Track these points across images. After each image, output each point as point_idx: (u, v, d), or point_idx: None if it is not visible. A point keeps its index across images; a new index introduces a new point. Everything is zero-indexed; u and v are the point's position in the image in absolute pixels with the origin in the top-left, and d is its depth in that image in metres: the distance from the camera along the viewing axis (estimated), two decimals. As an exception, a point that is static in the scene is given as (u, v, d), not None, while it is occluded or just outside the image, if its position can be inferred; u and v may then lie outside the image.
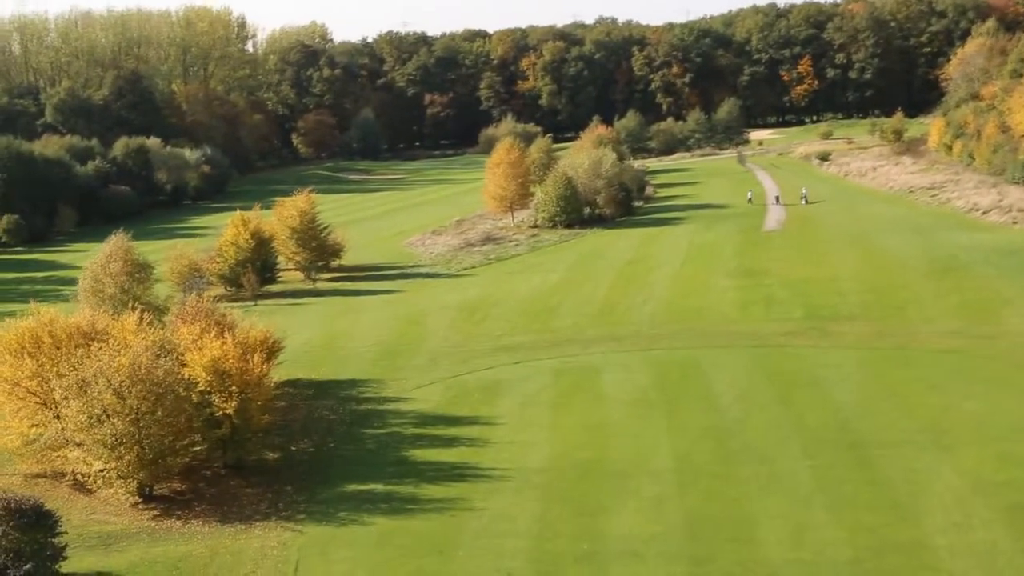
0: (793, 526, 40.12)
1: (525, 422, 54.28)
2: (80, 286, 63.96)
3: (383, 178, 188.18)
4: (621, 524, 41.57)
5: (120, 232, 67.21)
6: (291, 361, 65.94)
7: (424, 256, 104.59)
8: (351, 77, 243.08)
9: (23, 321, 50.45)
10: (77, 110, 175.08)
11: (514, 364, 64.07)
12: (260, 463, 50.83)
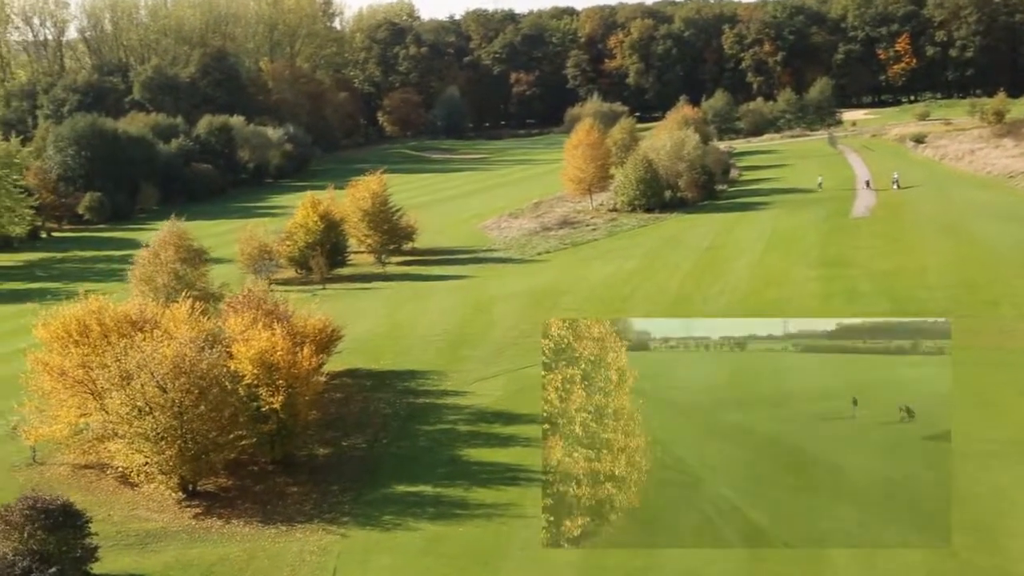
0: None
1: (586, 420, 51.85)
2: (132, 273, 62.96)
3: (466, 158, 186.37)
4: (680, 552, 39.09)
5: (174, 217, 66.09)
6: (352, 350, 64.39)
7: (498, 240, 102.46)
8: (437, 55, 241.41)
9: (71, 308, 49.36)
10: (164, 88, 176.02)
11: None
12: (310, 459, 49.23)
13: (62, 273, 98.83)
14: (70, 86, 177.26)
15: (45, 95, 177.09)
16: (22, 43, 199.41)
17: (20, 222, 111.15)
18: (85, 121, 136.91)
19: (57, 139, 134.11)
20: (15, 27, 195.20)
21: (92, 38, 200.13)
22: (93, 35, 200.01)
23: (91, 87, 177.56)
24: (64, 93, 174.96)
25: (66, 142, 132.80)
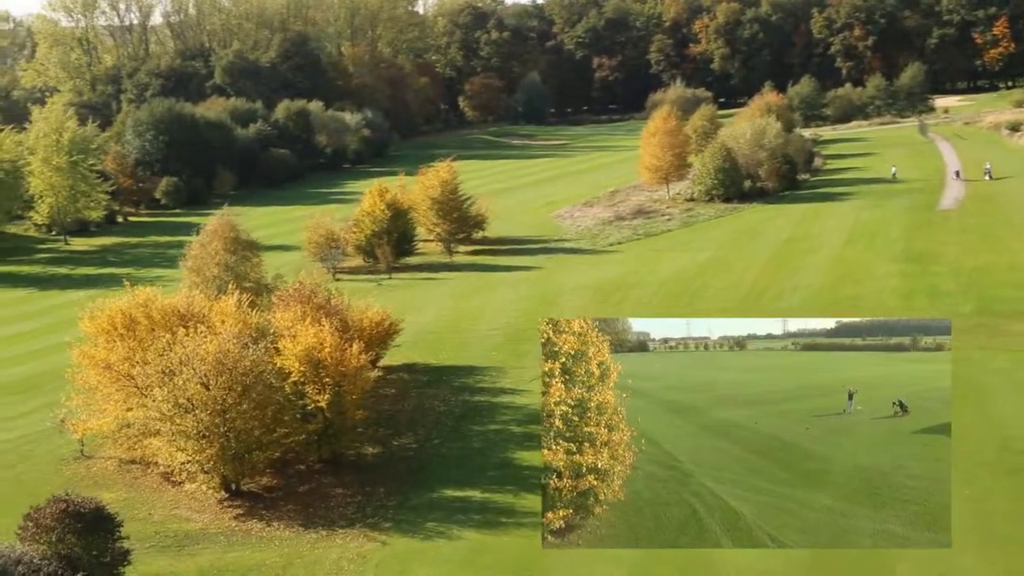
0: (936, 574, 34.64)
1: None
2: (182, 264, 62.09)
3: (545, 144, 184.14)
4: (734, 552, 36.84)
5: (227, 206, 65.05)
6: (411, 343, 63.01)
7: (571, 229, 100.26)
8: (520, 39, 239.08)
9: (117, 301, 48.46)
10: (244, 72, 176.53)
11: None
12: (358, 459, 47.80)
13: (133, 259, 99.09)
14: (153, 71, 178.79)
15: (129, 80, 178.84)
16: (108, 28, 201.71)
17: (96, 207, 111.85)
18: (163, 106, 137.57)
19: (136, 124, 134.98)
20: (102, 12, 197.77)
21: (176, 23, 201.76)
22: (177, 20, 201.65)
23: (173, 72, 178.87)
24: (147, 78, 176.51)
25: (144, 127, 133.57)
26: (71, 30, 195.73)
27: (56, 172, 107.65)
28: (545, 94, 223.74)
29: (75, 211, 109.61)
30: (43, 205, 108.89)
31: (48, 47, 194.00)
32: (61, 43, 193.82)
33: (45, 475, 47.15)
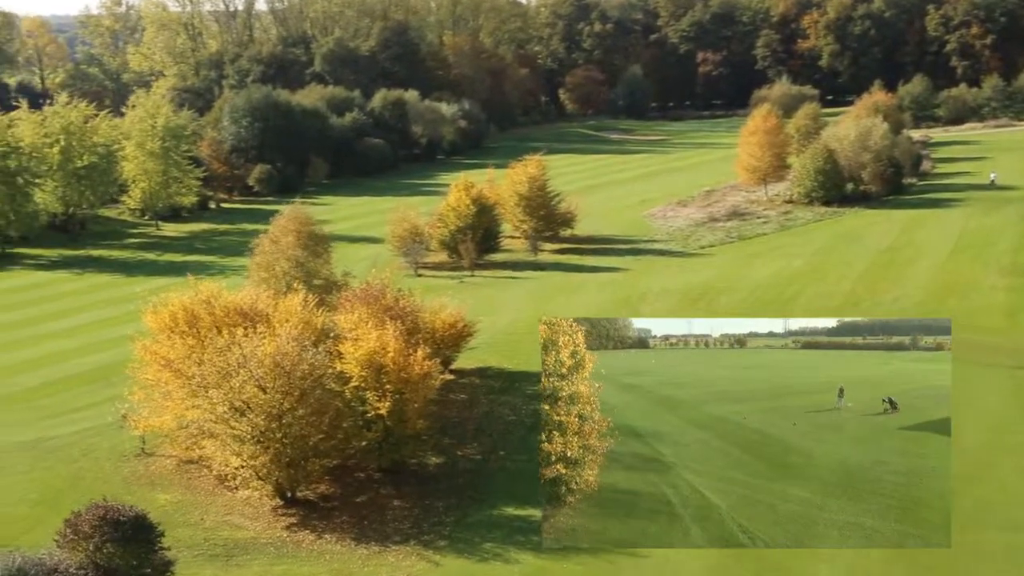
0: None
1: (719, 441, 47.11)
2: (251, 260, 60.90)
3: (643, 139, 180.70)
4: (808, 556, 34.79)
5: (297, 202, 63.60)
6: (487, 345, 61.18)
7: (662, 230, 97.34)
8: (623, 32, 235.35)
9: (180, 297, 47.32)
10: (344, 60, 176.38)
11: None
12: (419, 468, 46.08)
13: (220, 246, 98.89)
14: (255, 57, 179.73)
15: (231, 65, 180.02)
16: (214, 14, 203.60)
17: (187, 193, 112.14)
18: (260, 92, 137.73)
19: (232, 110, 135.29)
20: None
21: (279, 10, 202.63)
22: (280, 7, 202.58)
23: (274, 58, 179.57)
24: (249, 64, 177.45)
25: (240, 113, 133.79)
26: (178, 15, 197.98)
27: (149, 157, 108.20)
28: (647, 88, 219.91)
29: (167, 196, 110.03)
30: (136, 190, 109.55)
31: (155, 32, 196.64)
32: (168, 28, 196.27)
33: (104, 472, 46.35)
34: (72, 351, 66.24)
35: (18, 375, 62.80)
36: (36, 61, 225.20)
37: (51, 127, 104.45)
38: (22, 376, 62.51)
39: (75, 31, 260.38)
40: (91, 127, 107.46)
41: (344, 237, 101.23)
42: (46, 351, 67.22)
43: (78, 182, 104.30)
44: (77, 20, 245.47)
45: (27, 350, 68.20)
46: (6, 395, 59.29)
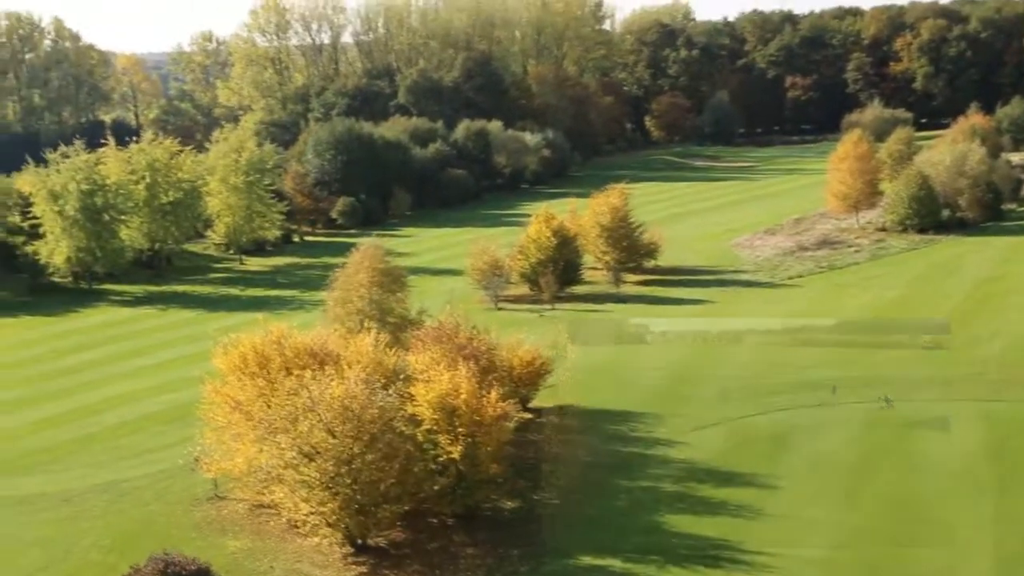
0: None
1: (812, 489, 44.99)
2: (328, 296, 60.09)
3: (730, 166, 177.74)
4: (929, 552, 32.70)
5: (374, 236, 62.85)
6: (566, 382, 59.52)
7: (748, 260, 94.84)
8: (709, 58, 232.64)
9: (250, 337, 46.53)
10: (427, 92, 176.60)
11: (815, 407, 54.40)
12: (494, 514, 44.61)
13: (302, 280, 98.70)
14: (340, 90, 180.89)
15: (317, 98, 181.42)
16: (300, 48, 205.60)
17: (271, 227, 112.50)
18: (343, 125, 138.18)
19: (316, 143, 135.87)
20: (295, 32, 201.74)
21: (364, 42, 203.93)
22: (366, 39, 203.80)
23: (359, 91, 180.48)
24: (334, 97, 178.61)
25: (324, 146, 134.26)
26: (265, 50, 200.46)
27: (233, 192, 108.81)
28: (734, 114, 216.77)
29: (250, 231, 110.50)
30: (220, 225, 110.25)
31: (243, 67, 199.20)
32: (255, 63, 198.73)
33: (176, 516, 45.70)
34: (151, 389, 66.12)
35: (99, 414, 62.80)
36: (131, 98, 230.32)
37: (137, 164, 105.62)
38: (103, 415, 62.48)
39: (168, 68, 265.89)
40: (176, 163, 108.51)
41: (426, 270, 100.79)
42: (126, 389, 67.25)
43: (163, 218, 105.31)
44: (170, 57, 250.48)
45: (109, 387, 68.33)
46: (87, 435, 59.23)
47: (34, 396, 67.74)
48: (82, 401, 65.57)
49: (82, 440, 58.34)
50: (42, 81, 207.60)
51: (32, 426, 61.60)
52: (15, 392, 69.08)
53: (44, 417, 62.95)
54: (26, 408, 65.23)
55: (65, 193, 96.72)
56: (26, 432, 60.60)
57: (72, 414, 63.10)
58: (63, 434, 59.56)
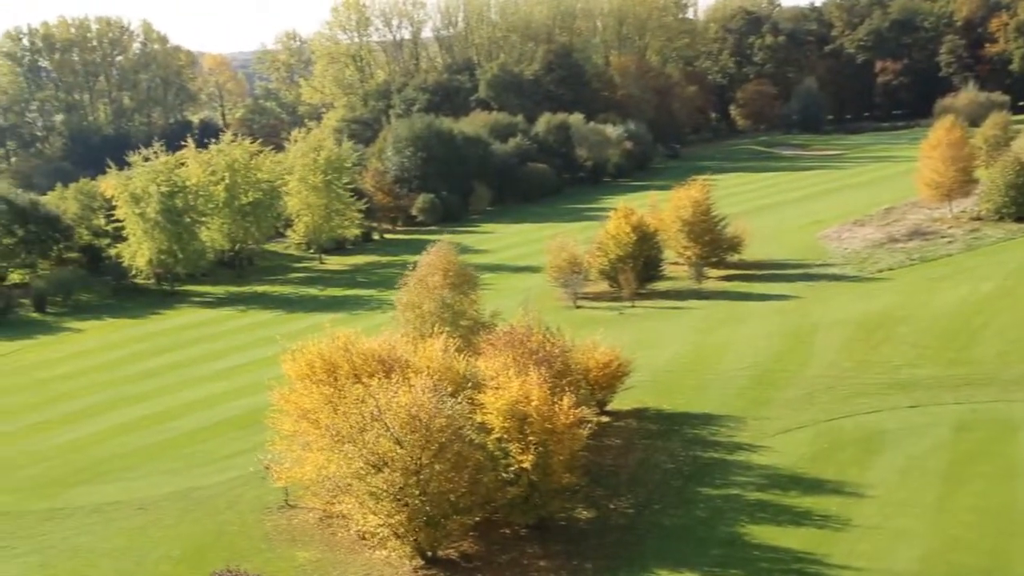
0: None
1: (903, 497, 42.73)
2: (398, 299, 59.07)
3: (818, 154, 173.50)
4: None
5: (444, 238, 61.64)
6: (645, 384, 57.99)
7: (836, 252, 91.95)
8: (796, 44, 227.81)
9: (317, 344, 45.66)
10: (508, 85, 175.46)
11: (907, 408, 52.00)
12: (569, 524, 43.19)
13: (381, 280, 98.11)
14: (420, 85, 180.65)
15: (398, 95, 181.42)
16: (381, 44, 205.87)
17: (350, 225, 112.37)
18: (422, 122, 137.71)
19: (395, 140, 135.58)
20: (375, 29, 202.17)
21: (444, 37, 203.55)
22: (446, 34, 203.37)
23: (440, 86, 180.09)
24: (414, 93, 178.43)
25: (403, 143, 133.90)
26: (346, 47, 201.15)
27: (312, 191, 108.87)
28: (822, 101, 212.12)
29: (329, 230, 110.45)
30: (300, 224, 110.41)
31: (325, 65, 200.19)
32: (336, 61, 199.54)
33: (247, 525, 45.13)
34: (228, 393, 66.06)
35: (176, 419, 62.90)
36: (217, 98, 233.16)
37: (217, 165, 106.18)
38: (179, 420, 62.58)
39: (253, 67, 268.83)
40: (255, 163, 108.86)
41: (504, 267, 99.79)
42: (204, 393, 67.35)
43: (243, 218, 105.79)
44: (255, 56, 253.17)
45: (187, 391, 68.53)
46: (163, 440, 59.30)
47: (115, 400, 68.26)
48: (161, 405, 65.80)
49: (159, 446, 58.38)
50: (132, 83, 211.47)
51: (112, 431, 61.95)
52: (98, 396, 69.68)
53: (124, 422, 63.30)
54: (108, 412, 65.69)
55: (146, 196, 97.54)
56: (107, 437, 60.94)
57: (151, 419, 63.33)
58: (141, 439, 59.74)
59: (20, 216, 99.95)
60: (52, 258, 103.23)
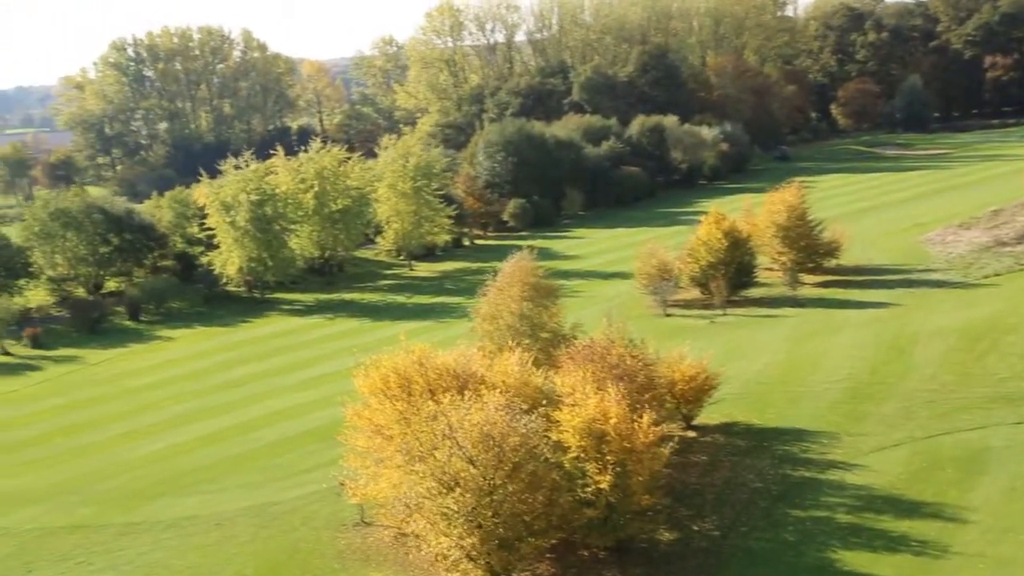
0: None
1: (1008, 522, 40.19)
2: (476, 309, 57.77)
3: (922, 154, 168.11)
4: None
5: (526, 248, 60.07)
6: (734, 397, 55.95)
7: (939, 257, 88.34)
8: (900, 40, 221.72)
9: (391, 358, 44.52)
10: (602, 88, 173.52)
11: (1013, 425, 49.22)
12: (650, 545, 41.46)
13: (469, 287, 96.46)
14: (513, 89, 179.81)
15: (491, 99, 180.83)
16: (475, 48, 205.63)
17: (439, 232, 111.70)
18: (513, 126, 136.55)
19: (487, 144, 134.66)
20: (469, 33, 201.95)
21: (538, 40, 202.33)
22: (540, 37, 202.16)
23: (532, 90, 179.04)
24: (508, 96, 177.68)
25: (494, 147, 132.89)
26: (440, 52, 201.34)
27: (401, 198, 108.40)
28: (927, 98, 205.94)
29: (419, 236, 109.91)
30: (389, 231, 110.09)
31: (419, 69, 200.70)
32: (430, 65, 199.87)
33: (321, 543, 44.30)
34: (311, 403, 65.58)
35: (259, 429, 62.66)
36: (315, 104, 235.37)
37: (306, 172, 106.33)
38: (263, 431, 62.30)
39: (350, 73, 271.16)
40: (344, 171, 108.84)
41: (595, 274, 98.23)
42: (288, 403, 67.03)
43: (332, 226, 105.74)
44: (352, 62, 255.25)
45: (272, 401, 68.28)
46: (244, 452, 59.00)
47: (201, 410, 68.28)
48: (245, 416, 65.65)
49: (240, 458, 58.07)
50: (232, 91, 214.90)
51: (196, 442, 61.87)
52: (185, 406, 69.78)
53: (208, 433, 63.21)
54: (193, 423, 65.69)
55: (236, 204, 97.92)
56: (191, 448, 60.88)
57: (234, 430, 63.16)
58: (223, 451, 59.53)
59: (116, 225, 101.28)
60: (147, 266, 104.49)
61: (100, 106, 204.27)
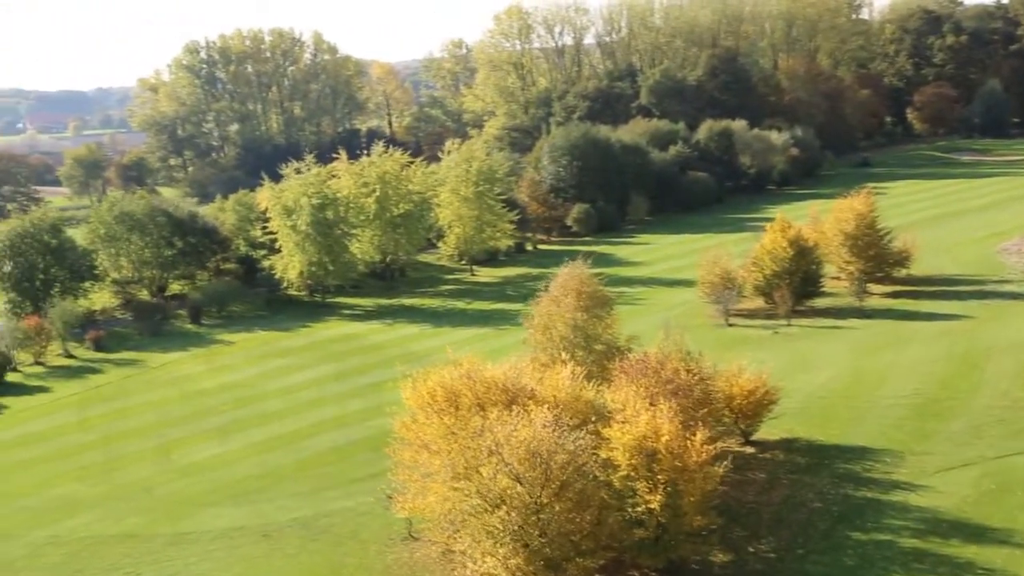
0: None
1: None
2: (529, 320, 56.62)
3: (1000, 160, 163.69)
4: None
5: (580, 259, 58.83)
6: (795, 412, 54.35)
7: (1015, 267, 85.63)
8: (979, 43, 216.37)
9: (439, 373, 43.56)
10: (670, 92, 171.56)
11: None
12: (703, 566, 40.12)
13: (529, 293, 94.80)
14: (581, 92, 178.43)
15: (559, 102, 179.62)
16: (543, 51, 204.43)
17: (501, 237, 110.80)
18: (579, 130, 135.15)
19: (551, 149, 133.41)
20: (537, 36, 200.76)
21: (607, 43, 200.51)
22: (608, 40, 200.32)
23: (600, 93, 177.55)
24: (575, 100, 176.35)
25: (559, 152, 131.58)
26: (508, 54, 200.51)
27: (464, 203, 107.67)
28: (1006, 103, 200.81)
29: (480, 241, 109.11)
30: (451, 236, 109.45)
31: (487, 72, 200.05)
32: (498, 68, 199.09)
33: (368, 558, 43.64)
34: (365, 412, 64.76)
35: (311, 438, 62.22)
36: (385, 107, 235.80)
37: (368, 177, 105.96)
38: (314, 439, 61.85)
39: (419, 75, 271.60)
40: (406, 175, 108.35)
41: (658, 281, 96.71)
42: (342, 411, 66.48)
43: (394, 230, 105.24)
44: (422, 64, 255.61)
45: (326, 408, 67.80)
46: (295, 461, 58.55)
47: (255, 416, 67.99)
48: (298, 423, 65.19)
49: (291, 467, 57.69)
50: (302, 93, 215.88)
51: (249, 449, 61.59)
52: (241, 412, 69.52)
53: (261, 440, 62.91)
54: (248, 429, 65.42)
55: (297, 208, 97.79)
56: (243, 455, 60.61)
57: (287, 437, 62.73)
58: (275, 459, 59.14)
59: (179, 227, 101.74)
60: (209, 269, 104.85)
61: (173, 108, 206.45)
